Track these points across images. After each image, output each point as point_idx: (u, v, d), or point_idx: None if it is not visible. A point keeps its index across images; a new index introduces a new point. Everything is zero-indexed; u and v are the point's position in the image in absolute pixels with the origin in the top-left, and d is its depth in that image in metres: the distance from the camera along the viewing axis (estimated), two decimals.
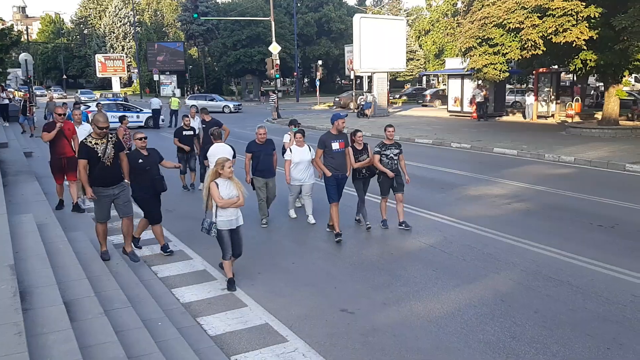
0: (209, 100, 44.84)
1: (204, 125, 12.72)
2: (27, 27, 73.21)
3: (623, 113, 25.57)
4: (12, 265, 5.63)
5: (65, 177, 10.49)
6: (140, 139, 8.13)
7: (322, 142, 8.99)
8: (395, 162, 9.29)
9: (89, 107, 27.21)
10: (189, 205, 11.14)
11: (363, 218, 9.55)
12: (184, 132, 12.81)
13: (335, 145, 8.93)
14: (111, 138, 7.34)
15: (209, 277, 7.43)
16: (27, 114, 25.12)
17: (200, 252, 8.29)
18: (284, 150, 10.32)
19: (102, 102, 26.08)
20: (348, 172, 9.13)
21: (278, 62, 34.17)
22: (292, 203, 10.50)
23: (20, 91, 26.89)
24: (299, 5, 64.65)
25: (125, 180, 7.57)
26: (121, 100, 37.40)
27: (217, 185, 6.65)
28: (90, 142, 7.20)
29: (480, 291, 6.84)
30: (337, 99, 46.59)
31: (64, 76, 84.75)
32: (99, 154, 7.17)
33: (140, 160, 7.96)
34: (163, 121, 30.31)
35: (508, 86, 35.80)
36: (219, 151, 9.48)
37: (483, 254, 8.17)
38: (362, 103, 35.29)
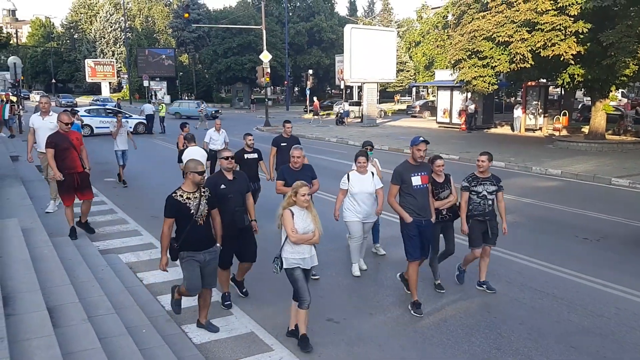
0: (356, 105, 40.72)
1: (284, 144, 9.76)
2: (16, 31, 73.00)
3: (610, 127, 25.90)
4: None
5: (78, 197, 8.87)
6: (227, 158, 6.45)
7: (399, 175, 6.66)
8: (490, 202, 7.03)
9: (78, 111, 26.40)
10: None
11: (433, 272, 7.44)
12: (246, 156, 9.43)
13: (417, 180, 6.61)
14: (204, 192, 5.78)
15: None
16: (11, 114, 25.02)
17: None
18: None
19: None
20: (432, 215, 6.87)
21: (269, 70, 34.27)
22: (357, 252, 7.90)
23: (6, 93, 26.62)
24: (290, 14, 64.96)
25: (217, 245, 6.01)
26: (114, 106, 37.35)
27: (292, 214, 5.48)
28: (181, 196, 5.67)
29: (466, 302, 6.87)
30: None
31: (53, 80, 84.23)
32: (192, 211, 5.67)
33: (223, 186, 6.32)
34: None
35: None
36: (190, 153, 8.69)
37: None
38: (341, 111, 36.63)
